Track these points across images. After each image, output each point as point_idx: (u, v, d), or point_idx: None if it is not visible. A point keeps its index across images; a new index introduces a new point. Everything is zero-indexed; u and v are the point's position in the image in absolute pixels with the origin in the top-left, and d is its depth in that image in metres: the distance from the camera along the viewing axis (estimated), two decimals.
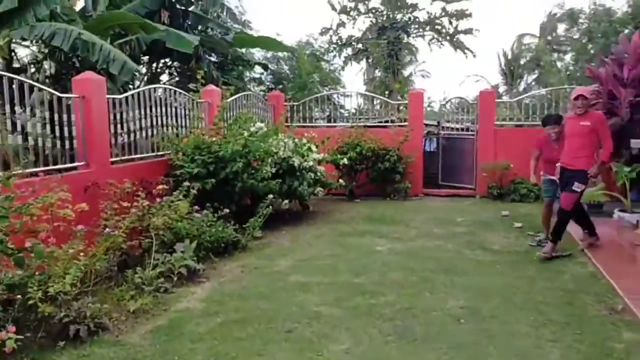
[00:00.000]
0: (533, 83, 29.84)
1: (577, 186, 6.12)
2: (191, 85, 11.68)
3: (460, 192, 11.78)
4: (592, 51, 20.37)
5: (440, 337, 4.25)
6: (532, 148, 7.32)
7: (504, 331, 4.35)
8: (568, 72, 24.73)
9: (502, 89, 30.71)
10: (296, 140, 8.92)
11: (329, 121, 13.90)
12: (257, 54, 17.90)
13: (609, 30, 19.68)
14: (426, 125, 12.70)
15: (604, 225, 8.06)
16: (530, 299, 5.09)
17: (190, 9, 12.23)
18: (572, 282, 5.54)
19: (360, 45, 19.98)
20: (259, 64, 15.48)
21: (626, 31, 17.40)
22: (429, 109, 16.44)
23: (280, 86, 18.11)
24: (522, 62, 30.53)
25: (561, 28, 27.66)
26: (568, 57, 27.23)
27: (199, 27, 12.68)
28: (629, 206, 8.00)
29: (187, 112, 8.48)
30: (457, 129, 12.50)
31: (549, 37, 28.81)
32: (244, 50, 15.05)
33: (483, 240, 7.44)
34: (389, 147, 11.06)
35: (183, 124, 8.34)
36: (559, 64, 27.74)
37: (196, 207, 6.67)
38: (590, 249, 6.59)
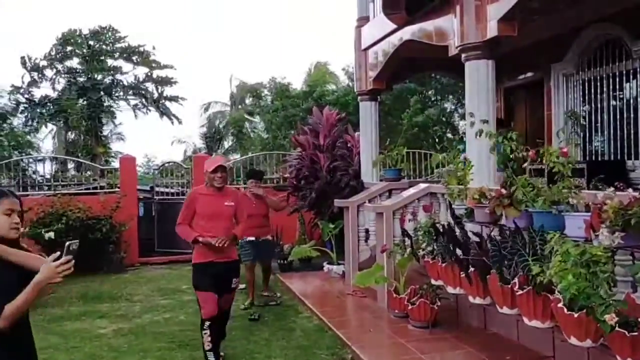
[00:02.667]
0: (231, 148, 31.68)
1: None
2: None
3: (179, 257, 11.48)
4: (278, 120, 22.73)
5: None
6: None
7: None
8: (261, 139, 27.00)
9: (204, 152, 31.69)
10: None
11: (23, 189, 12.16)
12: None
13: (292, 103, 22.33)
14: (138, 190, 12.18)
15: (316, 277, 8.84)
16: None
17: None
18: (304, 339, 5.82)
19: (56, 106, 18.31)
20: None
21: (304, 104, 20.00)
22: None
23: None
24: (220, 127, 32.19)
25: (249, 99, 30.28)
26: (259, 126, 29.91)
27: None
28: (335, 259, 8.93)
29: None
30: (171, 194, 12.32)
31: (240, 106, 31.20)
32: None
33: None
34: (100, 216, 10.21)
35: None
36: (254, 131, 30.15)
37: None
38: (311, 301, 7.09)
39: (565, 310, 3.40)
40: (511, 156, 4.28)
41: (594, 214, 3.48)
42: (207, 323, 4.86)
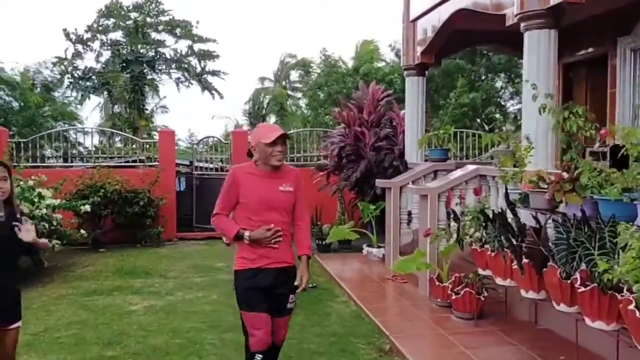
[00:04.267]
0: (279, 124, 31.44)
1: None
2: None
3: (216, 234, 11.31)
4: (322, 97, 22.39)
5: None
6: None
7: None
8: (303, 117, 26.75)
9: (246, 129, 31.68)
10: (21, 183, 7.50)
11: (65, 161, 12.23)
12: None
13: (338, 80, 21.90)
14: (178, 165, 12.09)
15: (354, 260, 8.52)
16: (304, 349, 4.87)
17: None
18: (340, 325, 5.51)
19: (100, 79, 18.40)
20: None
21: (351, 79, 19.53)
22: (176, 147, 15.85)
23: (2, 120, 15.47)
24: (264, 104, 32.09)
25: (295, 75, 30.00)
26: (301, 102, 29.65)
27: None
28: (375, 241, 8.57)
29: None
30: (211, 169, 12.16)
31: (284, 83, 30.96)
32: None
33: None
34: (138, 189, 10.14)
35: None
36: (294, 108, 29.92)
37: None
38: (349, 285, 6.77)
39: (638, 313, 2.95)
40: (578, 135, 3.78)
41: None
42: (259, 357, 3.39)
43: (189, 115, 47.50)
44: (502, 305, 5.24)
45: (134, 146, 12.83)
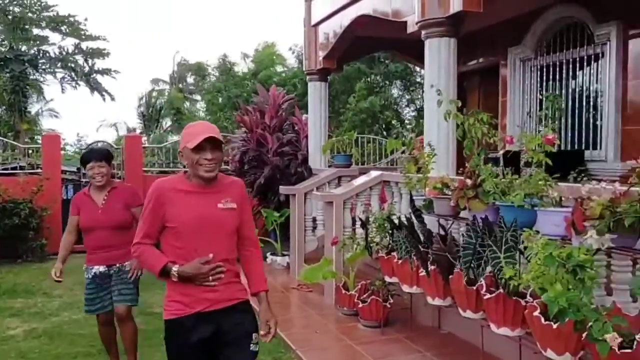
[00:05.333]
0: (170, 128, 30.42)
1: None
2: None
3: None
4: (221, 101, 21.91)
5: None
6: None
7: None
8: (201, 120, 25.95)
9: (139, 132, 30.32)
10: None
11: None
12: None
13: (237, 83, 21.53)
14: (65, 172, 11.19)
15: None
16: None
17: None
18: None
19: None
20: None
21: (250, 83, 19.30)
22: (63, 152, 14.78)
23: None
24: (158, 107, 30.84)
25: (191, 78, 29.16)
26: (199, 105, 28.89)
27: None
28: (280, 249, 8.36)
29: None
30: None
31: (180, 85, 29.99)
32: None
33: (144, 302, 6.61)
34: (19, 199, 9.24)
35: None
36: (193, 111, 29.06)
37: None
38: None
39: (543, 319, 2.98)
40: (483, 141, 3.82)
41: (577, 210, 3.06)
42: None
43: (81, 119, 44.76)
44: (408, 312, 5.24)
45: (14, 152, 11.73)
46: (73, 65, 16.98)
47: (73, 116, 42.59)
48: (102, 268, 4.27)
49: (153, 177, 11.04)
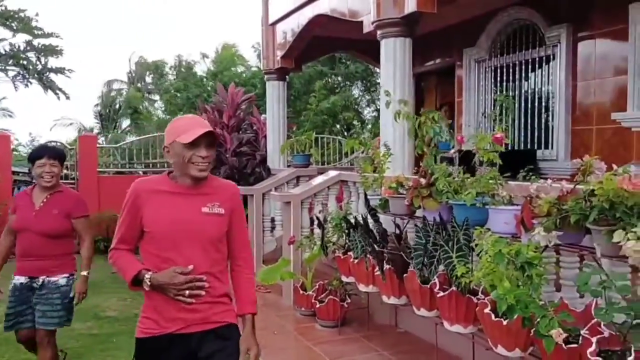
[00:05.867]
0: (128, 128, 29.81)
1: None
2: None
3: None
4: (180, 101, 21.57)
5: None
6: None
7: None
8: (159, 121, 25.59)
9: (96, 133, 29.62)
10: None
11: None
12: None
13: (197, 83, 21.25)
14: (16, 173, 10.83)
15: None
16: None
17: None
18: None
19: None
20: None
21: (211, 83, 19.08)
22: (16, 153, 14.32)
23: None
24: (117, 107, 30.16)
25: (150, 77, 28.58)
26: (157, 105, 28.38)
27: None
28: None
29: None
30: None
31: (139, 85, 29.39)
32: None
33: (95, 307, 6.45)
34: None
35: None
36: (151, 111, 28.53)
37: None
38: None
39: (493, 316, 3.02)
40: (435, 140, 3.85)
41: (525, 208, 3.12)
42: None
43: (36, 119, 43.40)
44: (365, 311, 5.25)
45: None
46: (25, 62, 16.39)
47: (28, 116, 41.17)
48: (23, 279, 3.80)
49: (108, 178, 10.84)
